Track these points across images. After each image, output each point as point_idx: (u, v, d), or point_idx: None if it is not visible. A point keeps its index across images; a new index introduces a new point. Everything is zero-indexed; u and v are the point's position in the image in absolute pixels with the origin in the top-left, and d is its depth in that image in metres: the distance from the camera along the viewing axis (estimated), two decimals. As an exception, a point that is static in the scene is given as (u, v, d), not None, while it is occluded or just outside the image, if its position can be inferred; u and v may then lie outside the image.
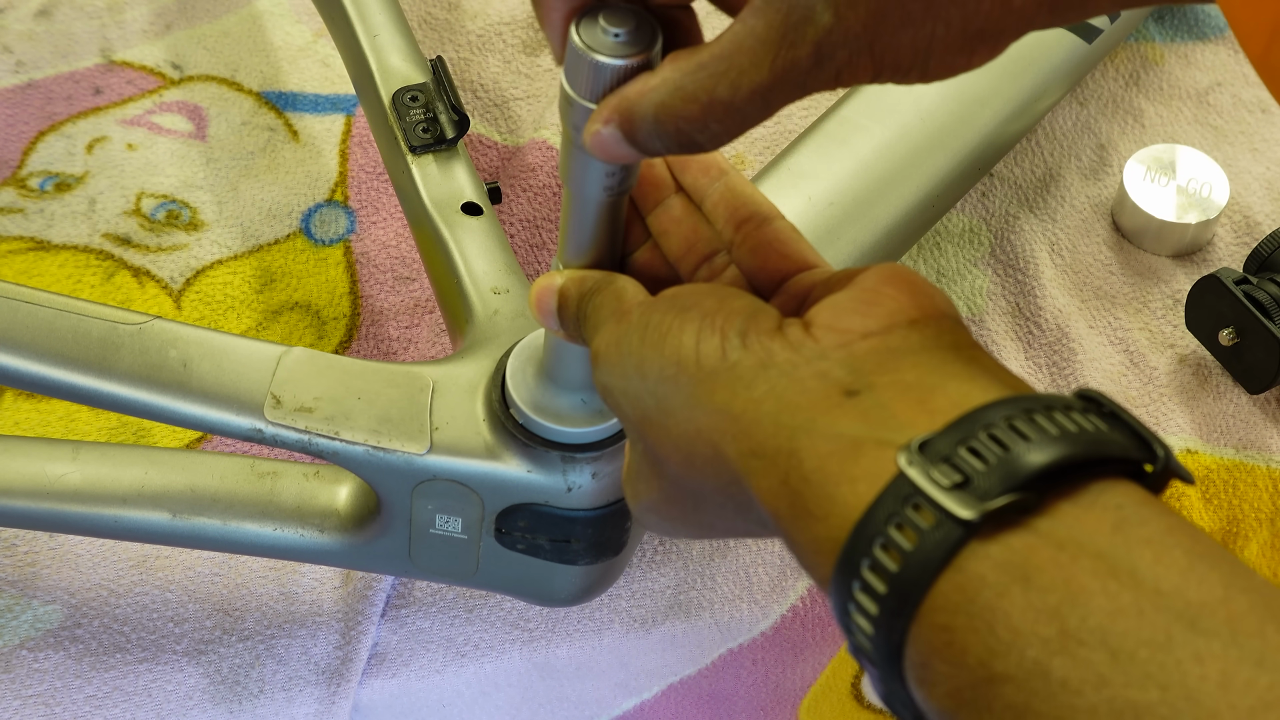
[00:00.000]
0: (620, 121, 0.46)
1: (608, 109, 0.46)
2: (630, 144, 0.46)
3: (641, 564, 0.76)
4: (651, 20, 0.47)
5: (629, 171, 0.50)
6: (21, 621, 0.72)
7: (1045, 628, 0.34)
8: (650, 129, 0.45)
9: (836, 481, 0.39)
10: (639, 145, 0.46)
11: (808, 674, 0.81)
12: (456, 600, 0.75)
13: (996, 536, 0.35)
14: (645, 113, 0.45)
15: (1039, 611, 0.34)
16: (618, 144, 0.46)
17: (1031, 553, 0.35)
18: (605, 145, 0.46)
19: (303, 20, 0.99)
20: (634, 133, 0.46)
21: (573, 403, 0.62)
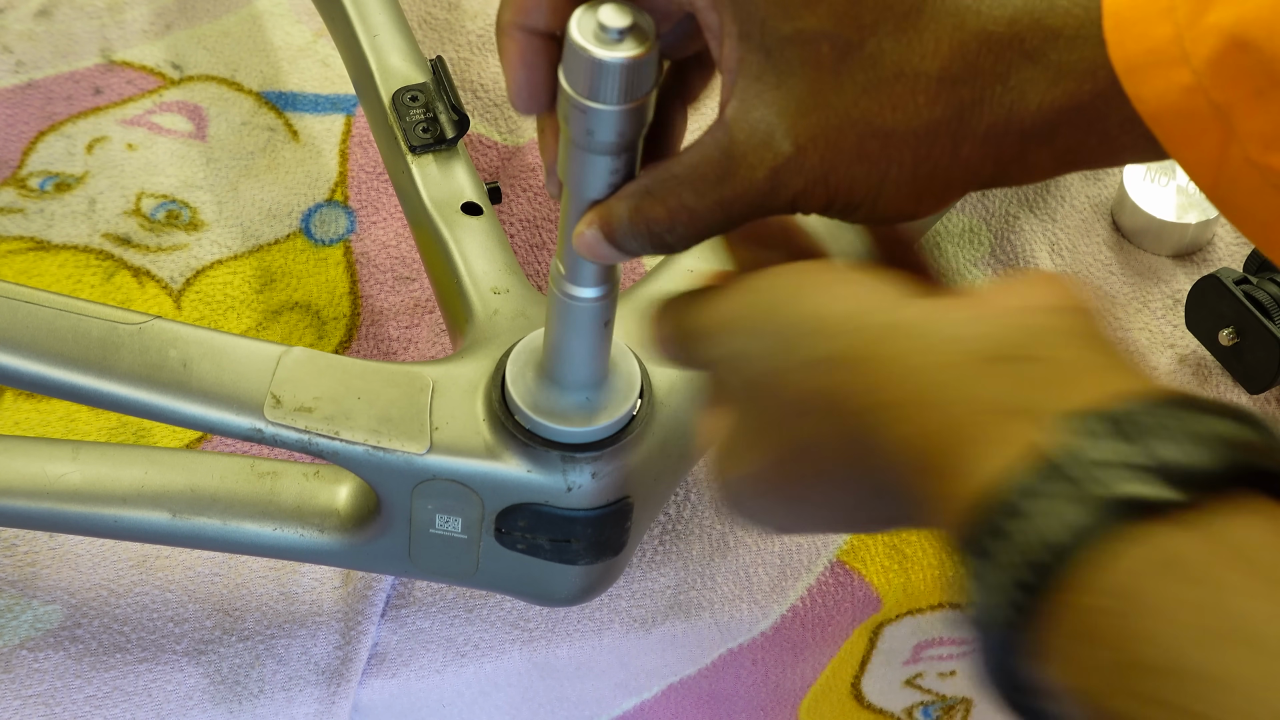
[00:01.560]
0: (600, 224, 0.50)
1: (591, 215, 0.50)
2: (610, 244, 0.50)
3: (641, 564, 0.76)
4: (648, 17, 0.47)
5: (630, 169, 0.50)
6: (21, 621, 0.72)
7: (1197, 620, 0.33)
8: (625, 229, 0.49)
9: (985, 442, 0.38)
10: (617, 244, 0.50)
11: (808, 674, 0.81)
12: (456, 600, 0.75)
13: (1150, 525, 0.35)
14: (621, 214, 0.49)
15: (1190, 605, 0.33)
16: (599, 244, 0.50)
17: (1185, 546, 0.34)
18: (590, 245, 0.50)
19: (303, 20, 0.99)
20: (612, 233, 0.49)
21: (573, 402, 0.62)
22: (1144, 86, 0.42)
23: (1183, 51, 0.41)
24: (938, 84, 0.44)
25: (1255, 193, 0.41)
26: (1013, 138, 0.45)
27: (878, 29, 0.44)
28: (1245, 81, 0.40)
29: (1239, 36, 0.40)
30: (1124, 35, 0.42)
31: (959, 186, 0.46)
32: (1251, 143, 0.41)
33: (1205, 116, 0.41)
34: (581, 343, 0.59)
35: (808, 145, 0.46)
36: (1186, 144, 0.42)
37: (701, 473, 0.80)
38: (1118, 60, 0.42)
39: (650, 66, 0.47)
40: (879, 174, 0.46)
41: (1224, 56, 0.40)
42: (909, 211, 0.47)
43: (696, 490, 0.79)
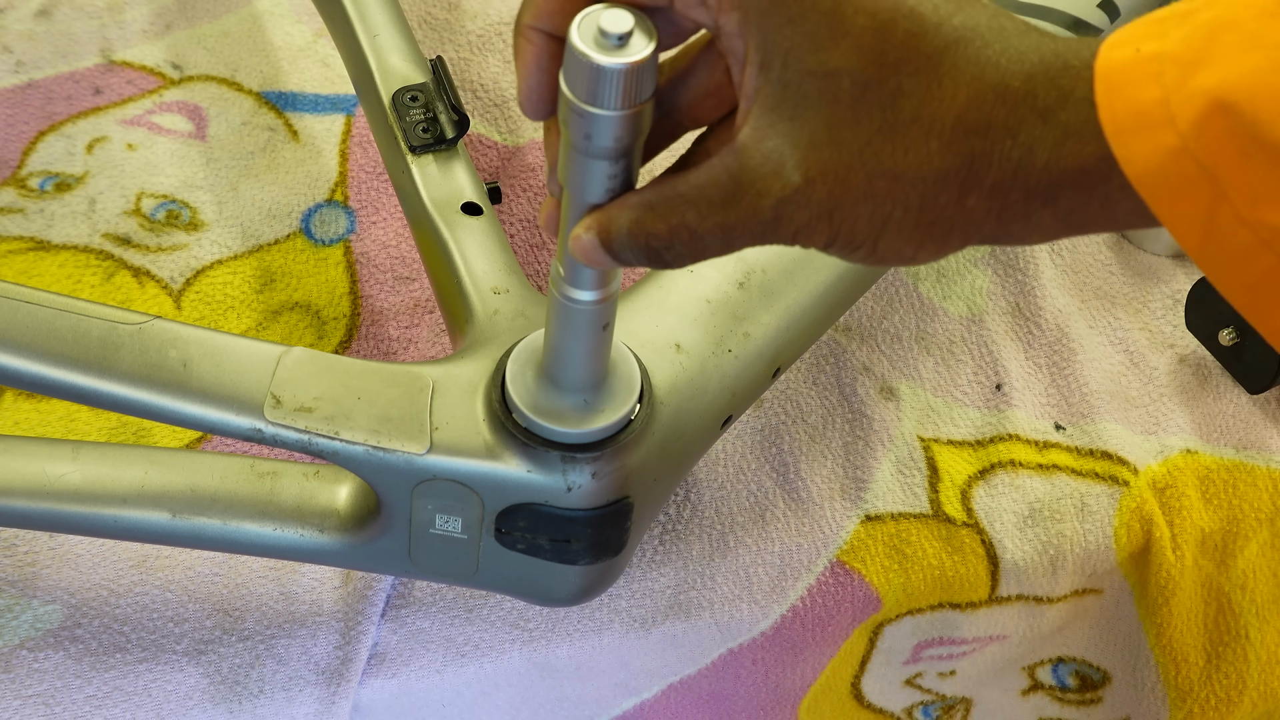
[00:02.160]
0: (599, 230, 0.50)
1: (591, 220, 0.50)
2: (606, 251, 0.50)
3: (641, 564, 0.76)
4: (649, 23, 0.47)
5: (632, 172, 0.50)
6: (21, 621, 0.72)
7: None
8: (624, 239, 0.50)
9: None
10: (613, 253, 0.50)
11: (808, 674, 0.81)
12: (456, 600, 0.75)
13: None
14: (621, 224, 0.49)
15: None
16: (595, 250, 0.51)
17: None
18: (585, 250, 0.51)
19: (303, 20, 0.99)
20: (610, 241, 0.50)
21: (573, 403, 0.62)
22: (1132, 149, 0.43)
23: (1169, 115, 0.42)
24: (952, 131, 0.45)
25: (1244, 252, 0.42)
26: (1018, 194, 0.45)
27: (900, 69, 0.45)
28: (1230, 143, 0.41)
29: (1222, 100, 0.41)
30: (1113, 98, 0.43)
31: (959, 237, 0.47)
32: (1240, 200, 0.42)
33: (1193, 178, 0.42)
34: (581, 344, 0.59)
35: (816, 179, 0.46)
36: (1174, 206, 0.43)
37: (701, 473, 0.80)
38: (1107, 123, 0.43)
39: (648, 73, 0.47)
40: (883, 215, 0.47)
41: (1209, 119, 0.41)
42: (908, 255, 0.48)
43: (696, 490, 0.79)
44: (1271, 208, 0.41)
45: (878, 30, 0.45)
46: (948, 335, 0.87)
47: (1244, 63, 0.41)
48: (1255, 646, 0.82)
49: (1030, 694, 0.85)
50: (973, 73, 0.45)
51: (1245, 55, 0.41)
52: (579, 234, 0.51)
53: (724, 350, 0.68)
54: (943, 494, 0.80)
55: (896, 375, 0.85)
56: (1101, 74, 0.44)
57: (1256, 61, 0.41)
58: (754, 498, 0.79)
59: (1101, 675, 0.84)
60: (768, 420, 0.82)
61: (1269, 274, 0.42)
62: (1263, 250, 0.42)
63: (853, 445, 0.82)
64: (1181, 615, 0.81)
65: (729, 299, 0.69)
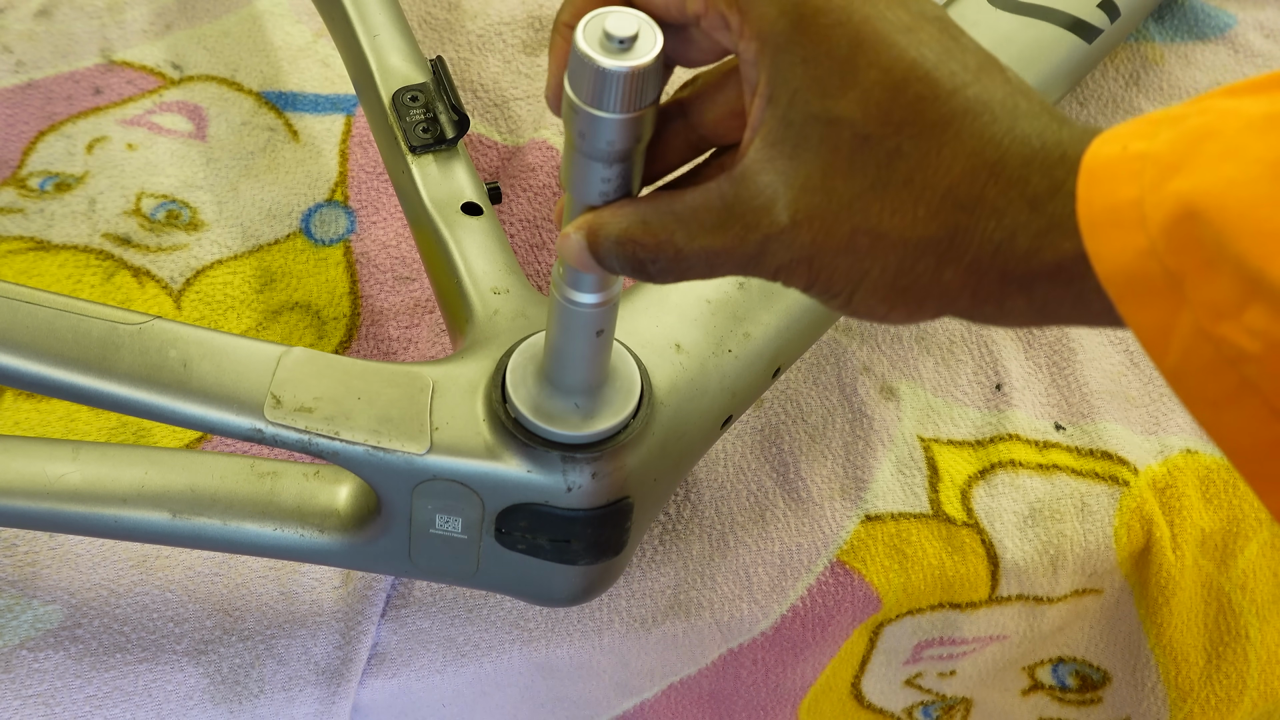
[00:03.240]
0: (588, 233, 0.50)
1: (582, 221, 0.50)
2: (592, 255, 0.51)
3: (641, 564, 0.76)
4: (654, 27, 0.47)
5: (630, 178, 0.51)
6: (21, 621, 0.72)
7: None
8: (611, 246, 0.50)
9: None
10: (599, 258, 0.50)
11: (808, 674, 0.81)
12: (456, 600, 0.75)
13: None
14: (610, 231, 0.50)
15: None
16: (582, 252, 0.51)
17: None
18: (572, 251, 0.51)
19: (303, 20, 0.99)
20: (597, 246, 0.50)
21: (573, 403, 0.62)
22: (1102, 245, 0.42)
23: (1142, 215, 0.41)
24: (940, 201, 0.45)
25: (1207, 366, 0.41)
26: (994, 276, 0.45)
27: (902, 130, 0.45)
28: (1196, 251, 0.40)
29: (1192, 206, 0.40)
30: (1092, 192, 0.43)
31: (933, 307, 0.47)
32: (1203, 312, 0.41)
33: (1158, 283, 0.41)
34: (581, 347, 0.59)
35: (803, 223, 0.46)
36: (1139, 309, 0.42)
37: (701, 473, 0.80)
38: (1083, 217, 0.43)
39: (648, 80, 0.47)
40: (861, 270, 0.46)
41: (1178, 225, 0.41)
42: (880, 314, 0.48)
43: (696, 490, 0.79)
44: (1234, 325, 0.40)
45: (888, 87, 0.45)
46: (948, 335, 0.87)
47: (1219, 172, 0.40)
48: (1255, 646, 0.82)
49: (1030, 694, 0.85)
50: (973, 146, 0.45)
51: (1222, 165, 0.40)
52: (568, 233, 0.51)
53: (724, 350, 0.68)
54: (943, 494, 0.80)
55: (896, 375, 0.85)
56: (1086, 167, 0.43)
57: (1231, 173, 0.40)
58: (754, 498, 0.79)
59: (1101, 675, 0.84)
60: (768, 420, 0.82)
61: (1233, 394, 0.41)
62: (1226, 367, 0.41)
63: (853, 445, 0.82)
64: (1181, 615, 0.81)
65: (729, 299, 0.69)
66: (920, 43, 0.45)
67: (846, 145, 0.45)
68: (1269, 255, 0.39)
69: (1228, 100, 0.42)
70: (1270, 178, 0.39)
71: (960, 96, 0.45)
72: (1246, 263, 0.39)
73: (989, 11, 0.84)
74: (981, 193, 0.44)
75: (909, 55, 0.45)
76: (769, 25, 0.46)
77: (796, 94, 0.46)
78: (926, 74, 0.45)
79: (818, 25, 0.45)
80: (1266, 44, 1.02)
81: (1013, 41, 0.84)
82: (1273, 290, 0.39)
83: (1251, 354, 0.40)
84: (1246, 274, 0.39)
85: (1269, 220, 0.39)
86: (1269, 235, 0.39)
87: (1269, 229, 0.39)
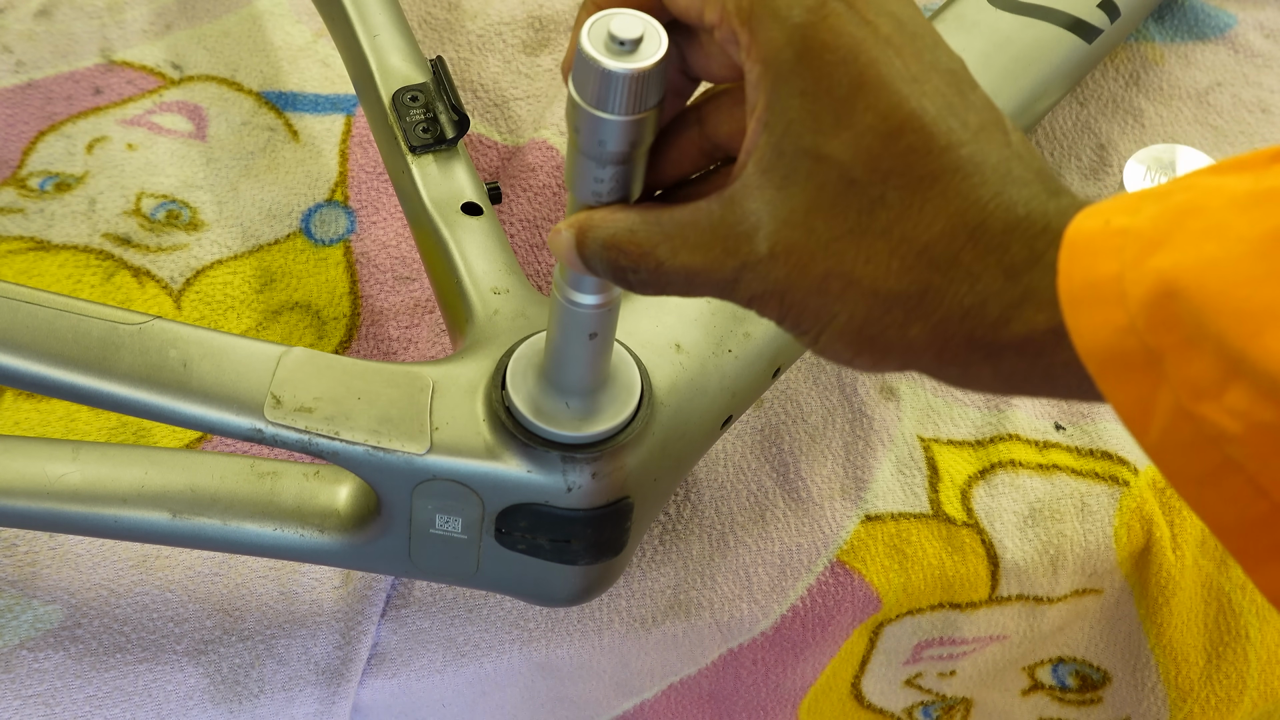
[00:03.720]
0: (578, 232, 0.50)
1: (574, 219, 0.50)
2: (578, 254, 0.51)
3: (641, 564, 0.76)
4: (660, 30, 0.47)
5: (635, 177, 0.51)
6: (21, 621, 0.72)
7: None
8: (597, 249, 0.50)
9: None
10: (584, 259, 0.51)
11: (808, 674, 0.81)
12: (456, 600, 0.75)
13: None
14: (598, 235, 0.50)
15: None
16: (569, 250, 0.51)
17: None
18: (560, 248, 0.51)
19: (303, 20, 0.99)
20: (583, 247, 0.50)
21: (573, 403, 0.62)
22: (1082, 320, 0.42)
23: (1122, 291, 0.41)
24: (916, 257, 0.44)
25: (1189, 444, 0.41)
26: (960, 340, 0.45)
27: (889, 180, 0.44)
28: (1176, 329, 0.40)
29: (1173, 284, 0.40)
30: (1073, 266, 0.42)
31: (897, 359, 0.47)
32: (1183, 391, 0.40)
33: (1138, 360, 0.41)
34: (581, 348, 0.59)
35: (780, 256, 0.46)
36: (1119, 386, 0.42)
37: (701, 473, 0.80)
38: (1064, 291, 0.42)
39: (647, 84, 0.47)
40: (830, 313, 0.46)
41: (1158, 302, 0.40)
42: (845, 359, 0.47)
43: (696, 490, 0.79)
44: (1215, 405, 0.39)
45: (882, 134, 0.44)
46: (948, 335, 0.87)
47: (1201, 250, 0.40)
48: (1255, 646, 0.82)
49: (1030, 694, 0.85)
50: (957, 206, 0.44)
51: (1203, 243, 0.40)
52: (559, 229, 0.51)
53: (724, 350, 0.68)
54: (943, 494, 0.80)
55: (896, 375, 0.85)
56: (1068, 241, 0.42)
57: (1212, 251, 0.39)
58: (754, 498, 0.79)
59: (1102, 675, 0.84)
60: (768, 420, 0.82)
61: (1216, 471, 0.40)
62: (1208, 445, 0.40)
63: (853, 445, 0.82)
64: (1181, 615, 0.81)
65: (729, 299, 0.69)
66: (923, 94, 0.45)
67: (832, 186, 0.45)
68: (1250, 335, 0.38)
69: (1212, 178, 0.42)
70: (1253, 256, 0.39)
71: (953, 154, 0.44)
72: (1227, 343, 0.38)
73: (989, 11, 0.84)
74: (958, 254, 0.44)
75: (909, 105, 0.44)
76: (774, 51, 0.45)
77: (791, 125, 0.45)
78: (923, 126, 0.44)
79: (822, 60, 0.45)
80: (1266, 44, 1.02)
81: (1013, 41, 0.84)
82: (1254, 371, 0.38)
83: (1233, 435, 0.39)
84: (1227, 354, 0.39)
85: (1250, 300, 0.38)
86: (1250, 315, 0.38)
87: (1250, 308, 0.38)
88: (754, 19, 0.46)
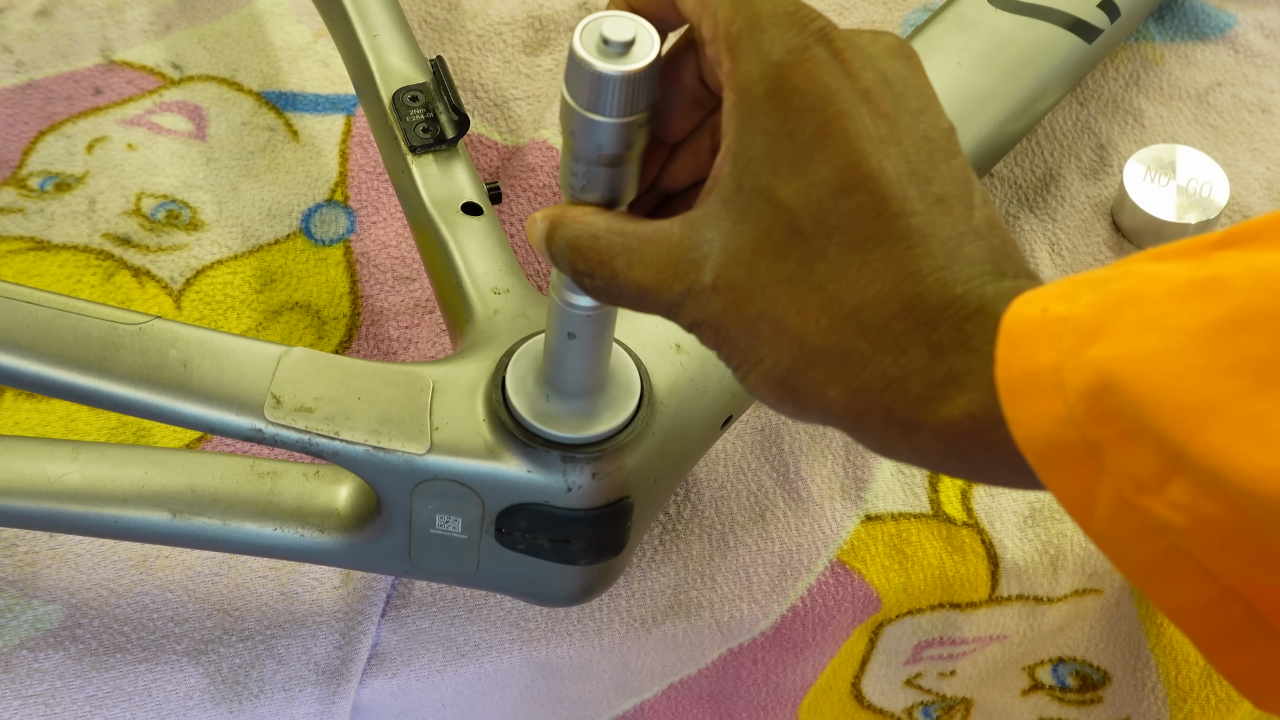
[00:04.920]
0: (549, 225, 0.50)
1: (549, 211, 0.50)
2: (546, 246, 0.51)
3: (641, 564, 0.76)
4: (652, 32, 0.47)
5: (628, 179, 0.51)
6: (21, 621, 0.72)
7: None
8: (561, 246, 0.50)
9: None
10: (549, 252, 0.51)
11: (808, 674, 0.81)
12: (456, 600, 0.75)
13: None
14: (565, 234, 0.50)
15: None
16: (540, 241, 0.51)
17: None
18: (533, 236, 0.51)
19: (303, 20, 0.99)
20: (551, 240, 0.50)
21: (573, 403, 0.62)
22: (1020, 411, 0.41)
23: (1060, 381, 0.40)
24: (845, 319, 0.44)
25: (1134, 533, 0.40)
26: (879, 411, 0.44)
27: (832, 236, 0.44)
28: (1115, 423, 0.39)
29: (1111, 376, 0.39)
30: (1011, 355, 0.41)
31: (816, 417, 0.46)
32: (1124, 483, 0.39)
33: (1078, 451, 0.40)
34: (580, 350, 0.59)
35: (722, 290, 0.46)
36: (1059, 477, 0.41)
37: (701, 473, 0.80)
38: (1001, 380, 0.41)
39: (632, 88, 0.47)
40: (757, 356, 0.46)
41: (1096, 394, 0.39)
42: (770, 403, 0.47)
43: (696, 490, 0.79)
44: (1157, 499, 0.38)
45: (834, 188, 0.44)
46: (948, 335, 0.87)
47: (1140, 342, 0.39)
48: (1255, 646, 0.82)
49: (1030, 694, 0.85)
50: (896, 275, 0.43)
51: (1142, 334, 0.39)
52: (535, 218, 0.51)
53: (724, 350, 0.68)
54: (943, 494, 0.80)
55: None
56: (1006, 328, 0.42)
57: (1151, 343, 0.38)
58: (754, 498, 0.79)
59: (1102, 675, 0.84)
60: (768, 420, 0.82)
61: (1164, 559, 0.40)
62: (1154, 535, 0.39)
63: (853, 445, 0.82)
64: (1181, 615, 0.81)
65: (729, 299, 0.69)
66: (886, 155, 0.44)
67: (779, 230, 0.45)
68: (1191, 431, 0.37)
69: (1152, 265, 0.41)
70: (1193, 349, 0.38)
71: (902, 221, 0.44)
72: (1168, 437, 0.38)
73: (989, 11, 0.84)
74: (887, 323, 0.43)
75: (867, 164, 0.44)
76: (749, 84, 0.45)
77: (752, 161, 0.45)
78: (877, 188, 0.44)
79: (790, 104, 0.44)
80: (1266, 44, 1.02)
81: (1013, 41, 0.84)
82: (1196, 467, 0.37)
83: (1178, 527, 0.38)
84: (1168, 449, 0.38)
85: (1190, 393, 0.37)
86: (1190, 409, 0.37)
87: (1189, 402, 0.37)
88: (737, 47, 0.45)
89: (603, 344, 0.59)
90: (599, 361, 0.60)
